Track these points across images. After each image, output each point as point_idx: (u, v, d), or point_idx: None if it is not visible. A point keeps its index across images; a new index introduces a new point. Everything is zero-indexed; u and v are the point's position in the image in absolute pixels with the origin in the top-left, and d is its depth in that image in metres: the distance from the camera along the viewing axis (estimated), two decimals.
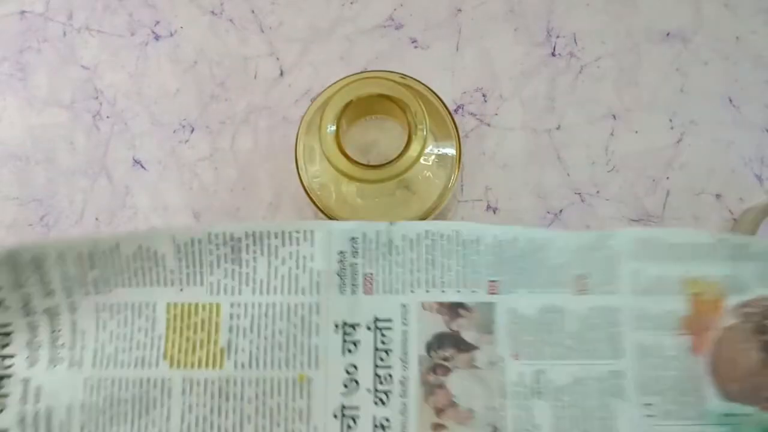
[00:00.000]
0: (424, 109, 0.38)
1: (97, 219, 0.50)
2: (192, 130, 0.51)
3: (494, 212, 0.48)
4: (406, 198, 0.42)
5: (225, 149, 0.50)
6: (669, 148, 0.48)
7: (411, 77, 0.42)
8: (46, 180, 0.51)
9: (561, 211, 0.48)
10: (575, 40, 0.50)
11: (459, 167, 0.41)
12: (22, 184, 0.51)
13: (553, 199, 0.48)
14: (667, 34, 0.49)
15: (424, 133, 0.38)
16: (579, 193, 0.48)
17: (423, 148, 0.38)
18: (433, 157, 0.42)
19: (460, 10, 0.50)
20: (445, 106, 0.42)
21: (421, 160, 0.39)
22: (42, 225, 0.51)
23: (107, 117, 0.52)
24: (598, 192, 0.48)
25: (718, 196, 0.47)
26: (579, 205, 0.48)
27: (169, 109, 0.51)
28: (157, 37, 0.52)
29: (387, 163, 0.38)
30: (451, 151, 0.42)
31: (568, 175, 0.48)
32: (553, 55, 0.50)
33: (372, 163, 0.38)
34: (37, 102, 0.52)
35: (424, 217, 0.42)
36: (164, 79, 0.52)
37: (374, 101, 0.39)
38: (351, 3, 0.51)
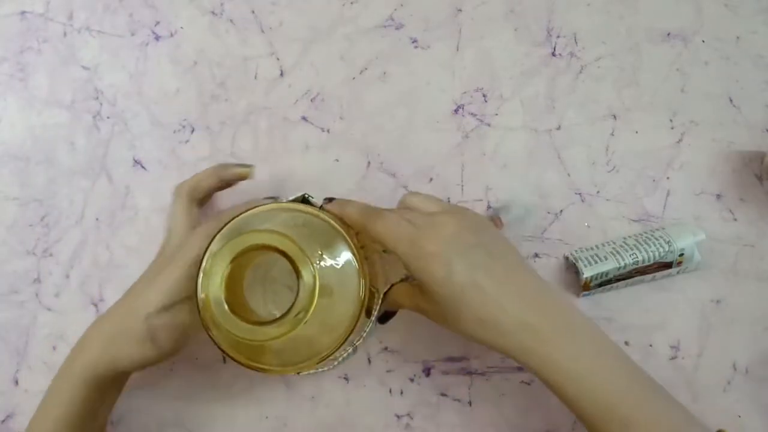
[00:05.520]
0: (298, 245, 0.36)
1: (97, 219, 0.50)
2: (192, 131, 0.51)
3: None
4: (328, 303, 0.39)
5: (225, 149, 0.50)
6: (669, 148, 0.48)
7: (276, 200, 0.40)
8: (47, 180, 0.51)
9: (561, 211, 0.48)
10: (575, 40, 0.49)
11: (363, 268, 0.39)
12: (23, 184, 0.51)
13: (553, 199, 0.48)
14: (668, 34, 0.49)
15: (311, 268, 0.36)
16: (579, 193, 0.48)
17: (316, 277, 0.36)
18: (337, 265, 0.40)
19: (460, 10, 0.50)
20: (330, 215, 0.40)
21: (323, 279, 0.36)
22: (42, 225, 0.51)
23: (107, 117, 0.52)
24: (598, 192, 0.48)
25: (718, 196, 0.47)
26: (579, 205, 0.48)
27: (169, 109, 0.51)
28: (157, 38, 0.52)
29: (287, 312, 0.36)
30: (348, 255, 0.40)
31: (568, 175, 0.48)
32: (553, 55, 0.49)
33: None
34: (37, 102, 0.52)
35: (356, 316, 0.39)
36: (164, 80, 0.52)
37: (253, 252, 0.37)
38: (351, 3, 0.51)
